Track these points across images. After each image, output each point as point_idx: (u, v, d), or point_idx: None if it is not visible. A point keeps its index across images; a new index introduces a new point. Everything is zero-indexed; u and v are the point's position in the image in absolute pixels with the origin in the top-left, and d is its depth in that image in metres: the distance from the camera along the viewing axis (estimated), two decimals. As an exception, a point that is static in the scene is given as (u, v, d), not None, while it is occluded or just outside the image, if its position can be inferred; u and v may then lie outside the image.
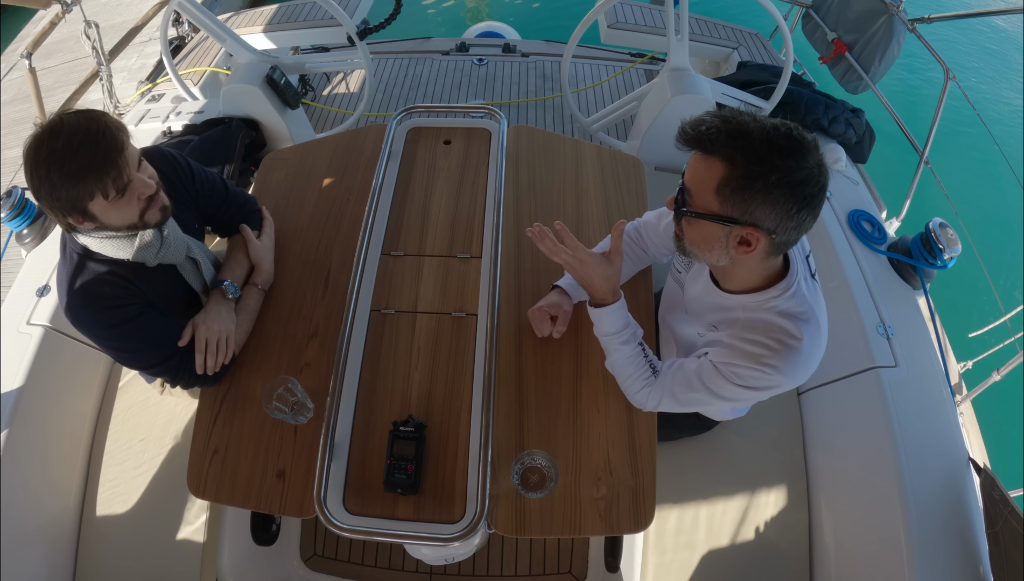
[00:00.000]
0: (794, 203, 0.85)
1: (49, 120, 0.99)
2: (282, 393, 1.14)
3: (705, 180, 0.89)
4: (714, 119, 0.88)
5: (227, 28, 2.27)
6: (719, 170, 0.87)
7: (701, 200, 0.91)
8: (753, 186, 0.85)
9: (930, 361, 1.69)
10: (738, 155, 0.85)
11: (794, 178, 0.83)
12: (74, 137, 0.97)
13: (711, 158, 0.88)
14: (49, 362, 1.66)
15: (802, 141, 0.85)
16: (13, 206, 1.89)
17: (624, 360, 1.17)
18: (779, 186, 0.84)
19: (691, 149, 0.91)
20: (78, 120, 0.99)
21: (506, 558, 1.80)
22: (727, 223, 0.89)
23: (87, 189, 0.99)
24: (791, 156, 0.83)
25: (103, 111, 1.03)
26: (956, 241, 1.81)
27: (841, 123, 2.31)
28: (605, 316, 1.16)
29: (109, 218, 1.05)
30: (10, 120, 3.85)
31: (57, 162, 0.96)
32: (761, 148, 0.83)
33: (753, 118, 0.87)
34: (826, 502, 1.62)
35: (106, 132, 0.99)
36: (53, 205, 1.01)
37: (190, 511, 1.58)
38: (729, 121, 0.86)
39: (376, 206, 1.48)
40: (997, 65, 5.31)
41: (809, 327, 0.97)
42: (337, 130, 2.33)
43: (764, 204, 0.86)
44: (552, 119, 3.11)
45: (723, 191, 0.87)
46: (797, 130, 0.85)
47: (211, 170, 1.37)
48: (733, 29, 3.22)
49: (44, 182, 0.98)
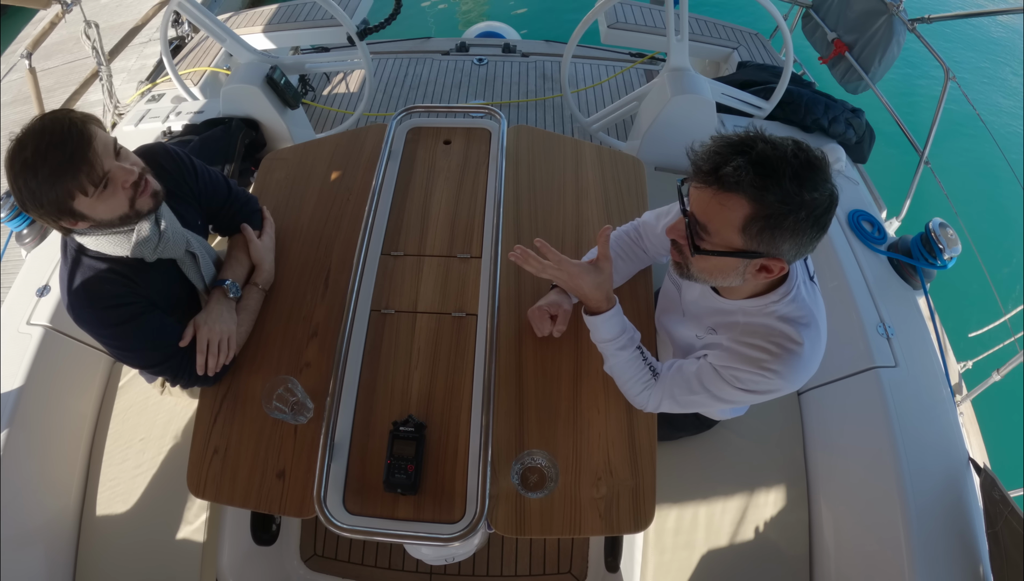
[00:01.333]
0: (817, 230, 0.85)
1: (19, 130, 0.98)
2: (282, 393, 1.14)
3: (727, 218, 0.86)
4: (733, 155, 0.83)
5: (227, 28, 2.27)
6: (744, 208, 0.84)
7: (721, 238, 0.88)
8: (783, 225, 0.83)
9: (930, 361, 1.69)
10: (768, 195, 0.82)
11: (819, 210, 0.83)
12: (40, 141, 0.96)
13: (734, 195, 0.84)
14: (49, 362, 1.66)
15: (821, 166, 0.83)
16: (13, 206, 1.89)
17: (622, 365, 1.17)
18: (807, 220, 0.83)
19: (707, 186, 0.87)
20: (43, 123, 0.97)
21: (506, 558, 1.80)
22: (750, 257, 0.89)
23: (65, 189, 0.98)
24: (816, 187, 0.82)
25: (68, 108, 1.01)
26: (956, 241, 1.81)
27: (841, 123, 2.31)
28: (600, 323, 1.15)
29: (99, 213, 1.04)
30: (10, 121, 3.85)
31: (30, 170, 0.95)
32: (792, 185, 0.81)
33: (769, 144, 0.83)
34: (826, 502, 1.62)
35: (71, 128, 0.97)
36: (41, 212, 1.00)
37: (190, 511, 1.58)
38: (749, 153, 0.82)
39: (376, 206, 1.48)
40: (997, 65, 5.31)
41: (810, 331, 0.97)
42: (337, 130, 2.33)
43: (791, 238, 0.85)
44: (552, 119, 3.11)
45: (750, 229, 0.85)
46: (812, 152, 0.83)
47: (213, 169, 1.37)
48: (733, 29, 3.22)
49: (24, 192, 0.97)
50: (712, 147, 0.86)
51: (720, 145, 0.85)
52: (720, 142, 0.86)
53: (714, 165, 0.84)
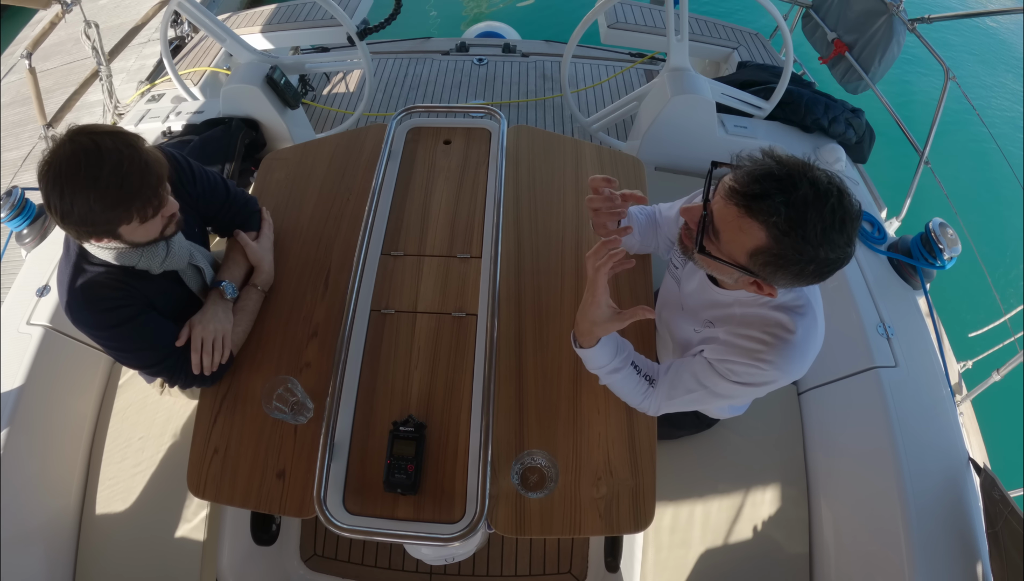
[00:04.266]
0: (816, 279, 0.86)
1: (79, 142, 0.96)
2: (282, 393, 1.14)
3: (742, 237, 0.85)
4: (778, 191, 0.80)
5: (227, 28, 2.27)
6: (760, 238, 0.83)
7: (728, 250, 0.89)
8: (789, 269, 0.84)
9: (930, 361, 1.69)
10: (786, 240, 0.81)
11: (828, 267, 0.83)
12: (119, 166, 0.96)
13: (757, 224, 0.82)
14: (49, 362, 1.66)
15: (851, 225, 0.81)
16: (13, 206, 1.89)
17: (618, 384, 1.16)
18: (813, 273, 0.84)
19: (735, 205, 0.84)
20: (117, 145, 0.97)
21: (506, 558, 1.80)
22: (747, 274, 0.90)
23: (122, 215, 0.99)
24: (835, 248, 0.81)
25: (135, 134, 1.02)
26: (956, 241, 1.81)
27: (841, 123, 2.31)
28: (590, 355, 1.12)
29: (135, 237, 1.06)
30: (9, 122, 3.85)
31: (99, 191, 0.95)
32: (814, 241, 0.80)
33: (814, 188, 0.79)
34: (826, 501, 1.62)
35: (150, 163, 1.00)
36: (80, 229, 1.00)
37: (190, 510, 1.58)
38: (790, 194, 0.79)
39: (376, 206, 1.48)
40: (997, 65, 5.31)
41: (805, 320, 0.97)
42: (337, 130, 2.33)
43: (791, 280, 0.87)
44: (552, 119, 3.11)
45: (756, 258, 0.85)
46: (852, 208, 0.81)
47: (212, 170, 1.37)
48: (733, 29, 3.22)
49: (80, 207, 0.96)
50: (758, 172, 0.83)
51: (766, 173, 0.82)
52: (766, 169, 0.82)
53: (752, 193, 0.82)
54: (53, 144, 0.98)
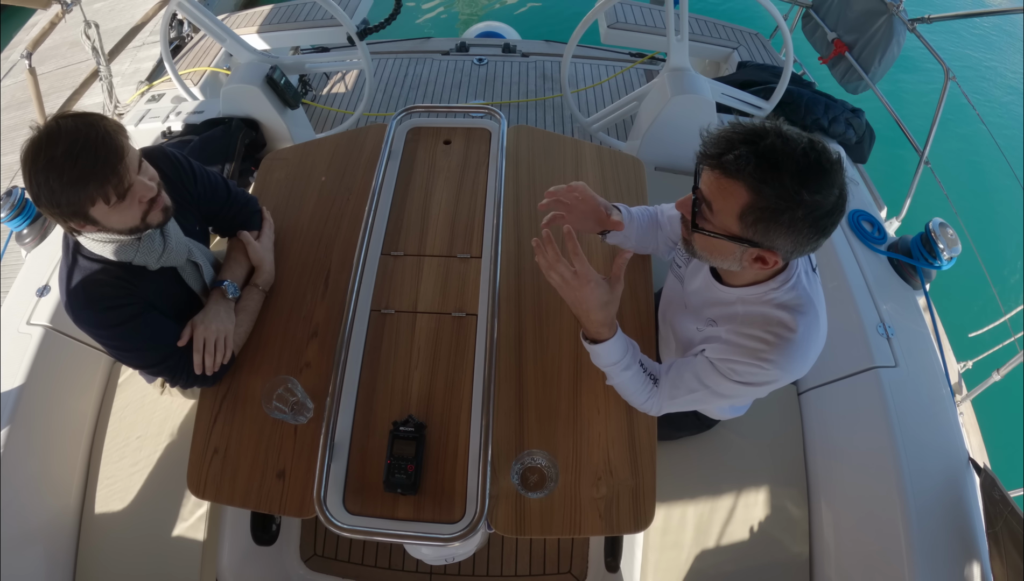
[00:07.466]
0: (815, 232, 0.85)
1: (46, 124, 0.98)
2: (282, 393, 1.14)
3: (727, 202, 0.87)
4: (741, 143, 0.83)
5: (227, 28, 2.27)
6: (743, 196, 0.84)
7: (720, 219, 0.89)
8: (779, 219, 0.84)
9: (930, 361, 1.69)
10: (765, 188, 0.82)
11: (820, 212, 0.83)
12: (74, 144, 0.96)
13: (735, 182, 0.85)
14: (49, 362, 1.66)
15: (830, 168, 0.82)
16: (13, 206, 1.89)
17: (626, 382, 1.15)
18: (804, 219, 0.83)
19: (712, 169, 0.87)
20: (76, 124, 0.97)
21: (506, 558, 1.80)
22: (745, 245, 0.89)
23: (87, 195, 0.98)
24: (819, 189, 0.81)
25: (101, 114, 1.02)
26: (956, 241, 1.81)
27: (841, 123, 2.31)
28: (602, 351, 1.10)
29: (111, 222, 1.05)
30: (7, 125, 3.83)
31: (56, 169, 0.95)
32: (792, 182, 0.81)
33: (781, 137, 0.82)
34: (826, 502, 1.62)
35: (106, 138, 0.98)
36: (53, 211, 1.00)
37: (189, 509, 1.58)
38: (756, 144, 0.82)
39: (376, 206, 1.48)
40: (997, 65, 5.31)
41: (806, 319, 0.96)
42: (337, 130, 2.33)
43: (787, 234, 0.86)
44: (552, 119, 3.11)
45: (746, 218, 0.86)
46: (825, 154, 0.83)
47: (212, 170, 1.37)
48: (733, 29, 3.23)
49: (43, 188, 0.97)
50: (723, 132, 0.86)
51: (731, 131, 0.86)
52: (732, 128, 0.86)
53: (719, 150, 0.85)
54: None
